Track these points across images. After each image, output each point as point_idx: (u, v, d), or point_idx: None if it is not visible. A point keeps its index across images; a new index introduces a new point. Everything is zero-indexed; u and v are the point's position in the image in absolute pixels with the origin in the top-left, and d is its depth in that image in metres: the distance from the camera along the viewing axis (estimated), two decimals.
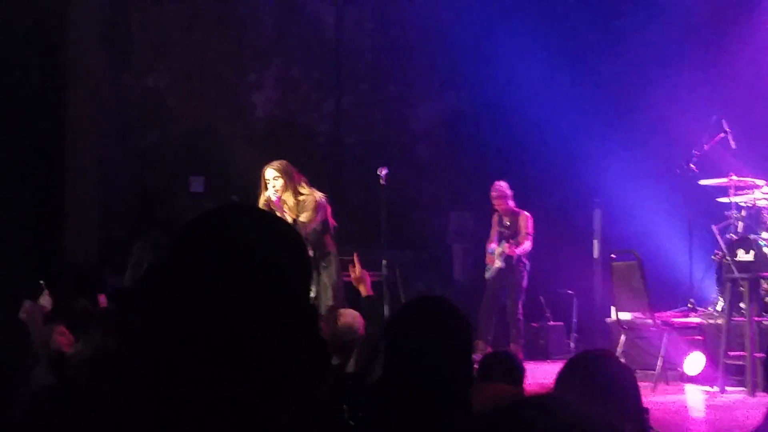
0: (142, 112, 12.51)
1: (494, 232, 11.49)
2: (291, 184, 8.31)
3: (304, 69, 13.57)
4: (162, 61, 12.79)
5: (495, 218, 11.54)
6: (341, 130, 13.70)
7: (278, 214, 8.06)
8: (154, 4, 12.71)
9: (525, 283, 11.26)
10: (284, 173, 8.31)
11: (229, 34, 13.10)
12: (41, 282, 7.67)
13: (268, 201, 8.28)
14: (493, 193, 11.38)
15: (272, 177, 8.32)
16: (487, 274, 11.40)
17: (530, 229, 11.30)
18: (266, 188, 8.33)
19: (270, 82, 13.43)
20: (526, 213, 11.37)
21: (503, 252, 11.21)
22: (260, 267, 1.49)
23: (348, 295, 9.25)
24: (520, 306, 11.21)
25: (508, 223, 11.38)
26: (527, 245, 11.23)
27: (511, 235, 11.30)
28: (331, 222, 8.55)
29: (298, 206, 8.35)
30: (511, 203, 11.40)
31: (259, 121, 13.30)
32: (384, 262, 9.59)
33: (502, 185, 11.40)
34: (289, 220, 8.29)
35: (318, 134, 13.49)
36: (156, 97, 12.66)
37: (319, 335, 5.41)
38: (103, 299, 8.27)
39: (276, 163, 8.39)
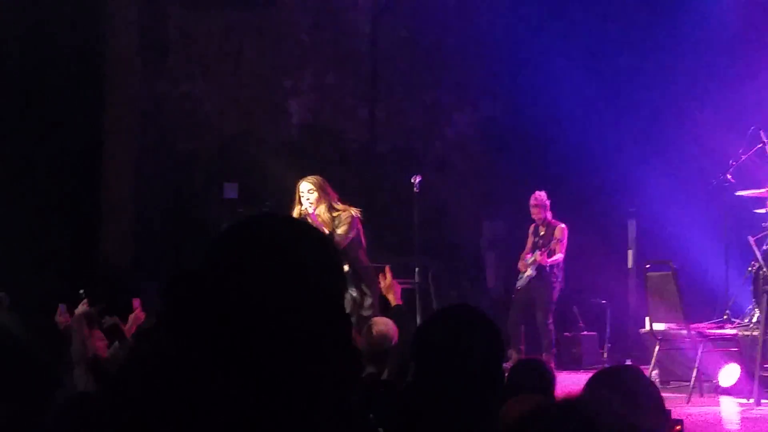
0: (177, 118, 12.60)
1: (530, 242, 11.46)
2: (325, 198, 8.40)
3: (339, 77, 13.61)
4: (198, 69, 12.87)
5: (532, 228, 11.50)
6: (375, 138, 13.71)
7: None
8: (191, 12, 12.80)
9: (555, 295, 11.21)
10: (319, 188, 8.39)
11: (265, 42, 13.16)
12: (81, 291, 7.71)
13: (304, 213, 8.33)
14: (532, 202, 11.35)
15: (307, 190, 8.40)
16: (519, 283, 11.37)
17: (564, 241, 11.25)
18: (300, 202, 8.39)
19: (305, 89, 13.47)
20: (561, 225, 11.32)
21: (535, 260, 11.18)
22: (294, 276, 1.50)
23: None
24: (550, 317, 11.16)
25: (543, 233, 11.34)
26: (559, 257, 11.18)
27: (545, 245, 11.26)
28: (363, 239, 8.62)
29: (334, 221, 8.42)
30: (548, 214, 11.36)
31: (294, 128, 13.35)
32: (416, 270, 9.58)
33: (542, 195, 11.36)
34: (325, 233, 8.35)
35: (352, 142, 13.51)
36: (192, 103, 12.75)
37: (353, 344, 5.42)
38: (137, 303, 8.33)
39: (311, 178, 8.47)
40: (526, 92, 13.07)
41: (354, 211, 8.49)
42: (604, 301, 12.29)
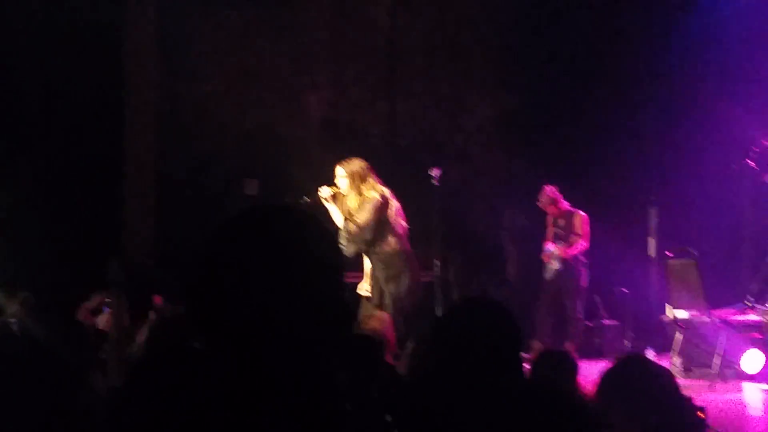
0: (197, 115, 12.65)
1: (550, 232, 11.45)
2: (354, 185, 8.53)
3: (358, 71, 13.62)
4: (216, 66, 12.92)
5: (549, 218, 11.50)
6: (395, 132, 13.72)
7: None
8: (209, 10, 12.84)
9: (584, 282, 11.21)
10: (350, 175, 8.53)
11: (283, 37, 13.19)
12: (106, 300, 7.77)
13: (330, 196, 8.54)
14: (543, 199, 11.33)
15: (339, 176, 8.61)
16: (546, 275, 11.37)
17: (585, 229, 11.23)
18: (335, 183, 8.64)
19: (324, 84, 13.50)
20: (581, 213, 11.30)
21: (558, 255, 11.18)
22: (289, 267, 1.51)
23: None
24: (579, 306, 11.17)
25: (563, 224, 11.33)
26: (582, 244, 11.17)
27: (567, 235, 11.25)
28: (394, 222, 8.61)
29: (359, 207, 8.52)
30: (564, 204, 11.34)
31: (313, 122, 13.38)
32: (437, 261, 9.59)
33: (547, 191, 11.34)
34: (339, 219, 8.45)
35: (372, 135, 13.53)
36: (211, 100, 12.79)
37: (355, 334, 5.46)
38: (159, 300, 8.40)
39: (346, 164, 8.65)
40: (545, 82, 13.05)
41: (377, 194, 8.55)
42: (625, 290, 12.26)
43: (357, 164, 8.63)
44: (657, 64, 12.94)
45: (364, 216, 8.48)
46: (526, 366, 3.92)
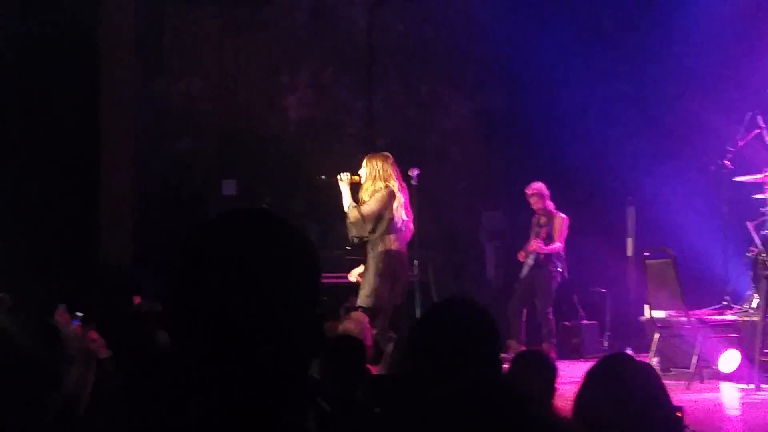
0: (175, 115, 12.60)
1: (533, 233, 11.49)
2: (370, 176, 8.93)
3: (336, 71, 13.61)
4: (195, 65, 12.87)
5: (534, 219, 11.53)
6: (373, 132, 13.71)
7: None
8: (187, 9, 12.79)
9: (555, 284, 11.22)
10: (370, 169, 8.96)
11: (261, 37, 13.16)
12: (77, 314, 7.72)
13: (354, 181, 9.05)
14: (528, 191, 11.36)
15: (363, 166, 9.05)
16: (521, 272, 11.41)
17: (563, 232, 11.26)
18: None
19: (302, 84, 13.48)
20: (562, 215, 11.32)
21: (532, 250, 11.21)
22: (263, 271, 1.50)
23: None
24: (549, 306, 11.18)
25: (543, 223, 11.35)
26: (557, 245, 11.19)
27: (545, 236, 11.28)
28: (399, 218, 8.76)
29: (369, 199, 8.93)
30: (548, 203, 11.36)
31: (292, 123, 13.35)
32: (416, 262, 9.59)
33: (539, 185, 11.38)
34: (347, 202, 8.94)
35: (350, 136, 13.51)
36: (189, 100, 12.75)
37: (326, 341, 5.45)
38: (138, 301, 8.35)
39: (370, 156, 9.14)
40: (523, 82, 13.07)
41: (387, 190, 8.85)
42: (603, 290, 12.30)
43: (379, 160, 9.01)
44: (636, 65, 12.98)
45: (369, 206, 8.83)
46: (505, 366, 3.91)
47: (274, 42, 13.23)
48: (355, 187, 9.08)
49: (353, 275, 9.19)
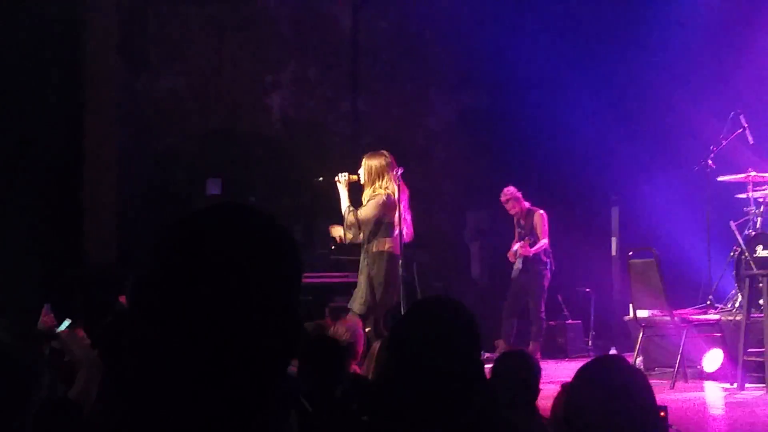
0: (158, 114, 12.55)
1: (517, 233, 11.51)
2: (369, 179, 8.83)
3: (321, 70, 13.59)
4: (179, 63, 12.82)
5: (514, 219, 11.55)
6: (358, 131, 13.71)
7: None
8: (171, 7, 12.75)
9: (546, 281, 11.24)
10: (368, 168, 8.84)
11: (246, 36, 13.12)
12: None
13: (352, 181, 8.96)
14: (503, 198, 11.38)
15: (363, 163, 8.93)
16: (513, 274, 11.43)
17: (545, 227, 11.27)
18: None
19: (286, 83, 13.45)
20: (540, 211, 11.33)
21: (520, 253, 11.22)
22: (241, 268, 1.48)
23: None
24: (542, 305, 11.19)
25: (524, 223, 11.37)
26: (542, 243, 11.20)
27: (527, 234, 11.29)
28: (396, 224, 8.68)
29: (366, 201, 8.86)
30: (524, 204, 11.37)
31: (276, 122, 13.33)
32: (400, 261, 9.58)
33: (510, 189, 11.40)
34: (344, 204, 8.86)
35: (334, 134, 13.50)
36: (173, 99, 12.70)
37: (318, 339, 5.45)
38: (124, 300, 8.33)
39: (369, 156, 8.97)
40: (508, 82, 13.09)
41: (385, 193, 8.80)
42: (588, 290, 12.33)
43: (378, 159, 8.88)
44: (620, 65, 13.00)
45: (365, 211, 8.76)
46: (488, 366, 3.90)
47: (258, 40, 13.20)
48: (354, 186, 9.01)
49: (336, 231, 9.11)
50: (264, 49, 13.24)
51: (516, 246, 11.35)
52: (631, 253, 9.98)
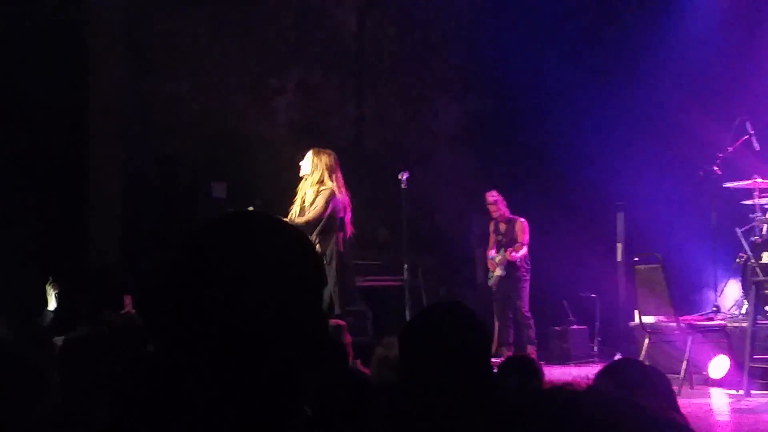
0: (164, 117, 12.55)
1: (492, 240, 11.62)
2: (317, 172, 8.68)
3: (326, 74, 13.59)
4: (184, 67, 12.82)
5: (492, 226, 11.67)
6: (363, 135, 13.70)
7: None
8: (176, 10, 12.75)
9: (527, 286, 11.36)
10: (316, 162, 8.71)
11: (251, 40, 13.12)
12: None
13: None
14: (491, 198, 11.52)
15: (307, 158, 8.80)
16: (490, 281, 11.53)
17: (526, 236, 11.39)
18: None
19: (291, 87, 13.45)
20: (521, 220, 11.46)
21: (503, 259, 11.32)
22: (269, 275, 1.47)
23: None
24: (526, 309, 11.31)
25: (504, 230, 11.48)
26: (523, 251, 11.33)
27: (508, 242, 11.39)
28: (347, 225, 8.62)
29: (316, 197, 8.58)
30: (506, 210, 11.50)
31: (281, 126, 13.32)
32: (405, 266, 9.58)
33: (494, 193, 11.53)
34: (297, 208, 8.45)
35: (339, 139, 13.48)
36: (178, 102, 12.70)
37: (331, 342, 5.45)
38: (129, 301, 8.32)
39: (318, 150, 8.85)
40: (513, 87, 13.08)
41: (337, 191, 8.63)
42: (593, 295, 12.30)
43: (328, 157, 8.80)
44: (626, 71, 12.98)
45: (314, 212, 8.59)
46: (495, 371, 3.89)
47: (263, 44, 13.20)
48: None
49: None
50: (269, 52, 13.24)
51: (494, 254, 11.46)
52: (636, 259, 9.95)
